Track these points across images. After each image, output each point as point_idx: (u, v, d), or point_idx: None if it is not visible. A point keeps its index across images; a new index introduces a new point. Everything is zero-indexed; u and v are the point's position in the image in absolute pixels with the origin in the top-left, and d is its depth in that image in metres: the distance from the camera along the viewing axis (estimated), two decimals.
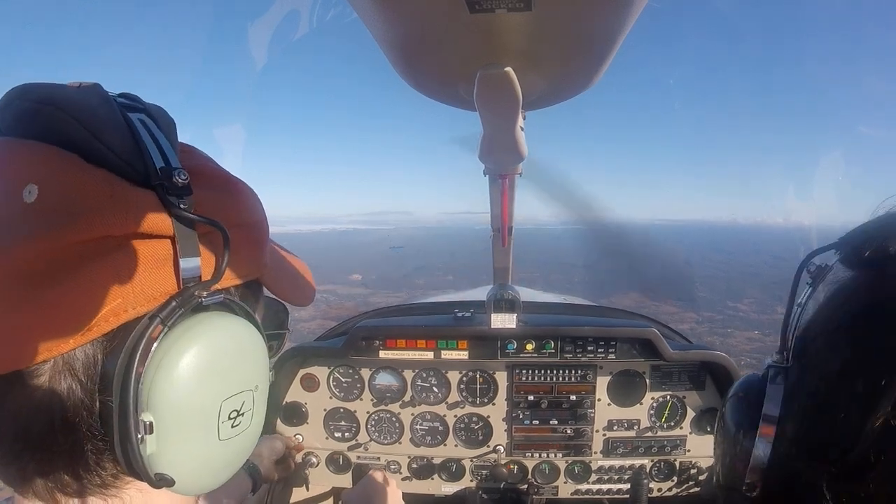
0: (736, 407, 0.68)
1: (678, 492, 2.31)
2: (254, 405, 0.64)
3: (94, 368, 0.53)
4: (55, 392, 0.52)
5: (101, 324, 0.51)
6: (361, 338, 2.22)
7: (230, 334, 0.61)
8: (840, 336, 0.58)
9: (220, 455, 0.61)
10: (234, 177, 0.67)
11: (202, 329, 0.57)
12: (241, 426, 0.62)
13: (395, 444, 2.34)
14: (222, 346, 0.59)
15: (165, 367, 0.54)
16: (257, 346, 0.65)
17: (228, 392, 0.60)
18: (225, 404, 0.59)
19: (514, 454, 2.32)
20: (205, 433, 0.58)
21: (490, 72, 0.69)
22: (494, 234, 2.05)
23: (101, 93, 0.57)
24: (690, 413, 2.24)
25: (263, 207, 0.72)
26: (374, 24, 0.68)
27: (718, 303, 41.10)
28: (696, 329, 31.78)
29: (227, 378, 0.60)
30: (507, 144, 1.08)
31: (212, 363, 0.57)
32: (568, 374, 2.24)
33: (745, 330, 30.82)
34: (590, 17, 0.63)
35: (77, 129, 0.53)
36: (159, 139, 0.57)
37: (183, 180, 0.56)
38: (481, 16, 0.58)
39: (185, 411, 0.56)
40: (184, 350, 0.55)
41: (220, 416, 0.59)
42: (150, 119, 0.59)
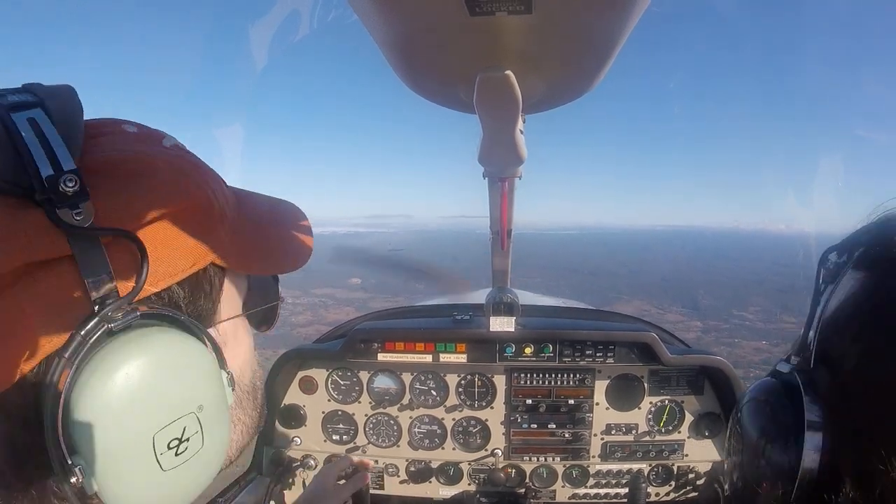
0: (759, 414, 0.64)
1: (676, 496, 2.30)
2: (201, 426, 0.58)
3: (26, 412, 0.50)
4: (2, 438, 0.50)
5: (21, 366, 0.48)
6: (360, 340, 2.21)
7: (153, 358, 0.53)
8: (873, 335, 0.56)
9: (172, 483, 0.56)
10: (151, 160, 0.58)
11: (115, 361, 0.51)
12: (188, 451, 0.57)
13: (393, 447, 2.34)
14: (142, 374, 0.52)
15: (81, 407, 0.49)
16: (196, 360, 0.58)
17: (158, 425, 0.53)
18: (158, 436, 0.53)
19: (512, 458, 2.31)
20: (143, 468, 0.53)
21: (490, 75, 0.70)
22: (493, 238, 2.05)
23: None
24: (689, 417, 2.24)
25: (204, 185, 0.63)
26: (374, 26, 0.68)
27: (724, 311, 41.02)
28: (703, 338, 31.63)
29: (154, 409, 0.53)
30: (506, 148, 1.09)
31: (131, 397, 0.51)
32: (566, 378, 2.23)
33: (752, 340, 30.67)
34: (590, 20, 0.64)
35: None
36: (50, 139, 0.50)
37: (71, 187, 0.48)
38: (481, 18, 0.58)
39: (112, 450, 0.51)
40: (96, 388, 0.49)
41: (157, 449, 0.53)
42: (46, 114, 0.52)
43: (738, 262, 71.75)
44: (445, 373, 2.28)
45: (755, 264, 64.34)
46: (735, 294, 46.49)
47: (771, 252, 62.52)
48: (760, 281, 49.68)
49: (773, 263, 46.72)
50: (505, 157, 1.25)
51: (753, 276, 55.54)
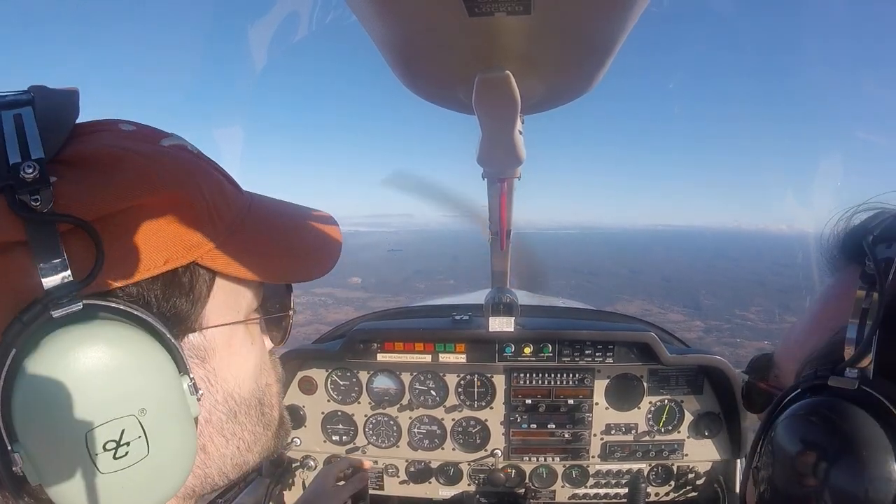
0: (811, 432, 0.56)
1: (676, 496, 2.30)
2: (145, 432, 0.54)
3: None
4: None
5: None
6: (359, 341, 2.21)
7: (90, 352, 0.51)
8: None
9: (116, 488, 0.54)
10: (129, 153, 0.57)
11: (52, 350, 0.50)
12: (130, 457, 0.53)
13: (392, 447, 2.34)
14: (77, 368, 0.50)
15: (18, 395, 0.49)
16: (143, 360, 0.54)
17: (92, 422, 0.51)
18: (91, 435, 0.51)
19: (512, 458, 2.31)
20: (80, 466, 0.51)
21: (489, 75, 0.70)
22: (493, 238, 2.05)
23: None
24: (688, 417, 2.24)
25: (201, 181, 0.62)
26: (372, 27, 0.68)
27: (725, 311, 40.89)
28: (704, 338, 31.46)
29: (86, 406, 0.51)
30: (505, 148, 1.09)
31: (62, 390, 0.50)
32: (566, 378, 2.23)
33: (755, 340, 30.48)
34: (589, 21, 0.64)
35: None
36: (27, 131, 0.51)
37: (30, 174, 0.48)
38: (480, 19, 0.58)
39: (47, 443, 0.50)
40: (31, 376, 0.49)
41: (90, 448, 0.51)
42: (33, 111, 0.53)
43: (738, 262, 71.72)
44: (445, 373, 2.28)
45: (756, 264, 64.31)
46: (736, 294, 46.42)
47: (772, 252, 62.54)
48: (761, 281, 49.65)
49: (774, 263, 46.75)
50: (504, 157, 1.25)
51: (754, 277, 55.48)
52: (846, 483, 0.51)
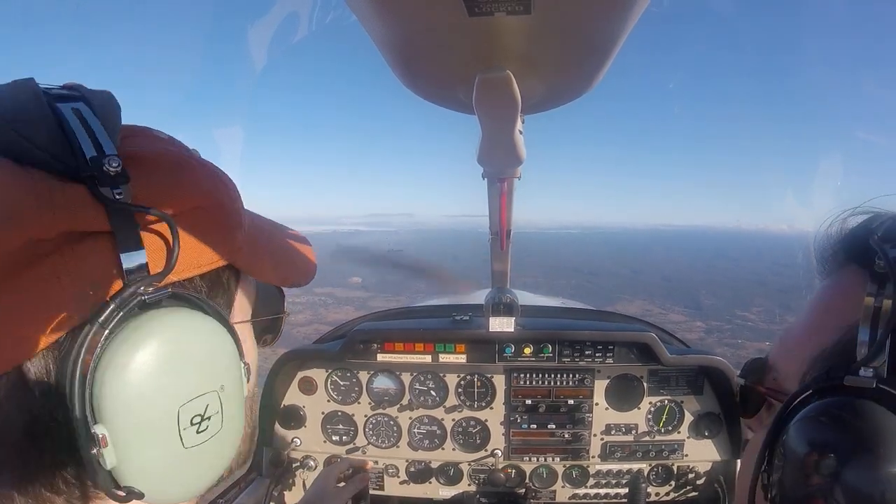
0: (829, 433, 0.56)
1: (676, 496, 2.30)
2: (222, 407, 0.59)
3: (48, 381, 0.50)
4: (14, 409, 0.50)
5: (49, 333, 0.49)
6: (359, 341, 2.21)
7: (180, 333, 0.56)
8: None
9: (192, 462, 0.57)
10: (186, 158, 0.62)
11: (146, 331, 0.53)
12: (208, 431, 0.58)
13: (392, 447, 2.34)
14: (170, 347, 0.54)
15: (110, 375, 0.50)
16: (220, 342, 0.60)
17: (184, 397, 0.55)
18: (183, 410, 0.55)
19: (512, 458, 2.31)
20: (165, 442, 0.54)
21: (489, 75, 0.69)
22: (493, 238, 2.05)
23: (31, 87, 0.54)
24: (688, 417, 2.24)
25: (230, 188, 0.66)
26: (372, 27, 0.68)
27: (726, 311, 40.80)
28: (706, 339, 31.36)
29: (182, 381, 0.55)
30: (505, 148, 1.08)
31: (159, 368, 0.53)
32: (566, 378, 2.23)
33: (756, 341, 30.36)
34: (589, 21, 0.63)
35: (3, 130, 0.50)
36: (93, 127, 0.53)
37: (115, 168, 0.51)
38: (480, 19, 0.58)
39: (137, 420, 0.52)
40: (126, 356, 0.51)
41: (180, 423, 0.55)
42: (88, 107, 0.55)
43: (739, 262, 71.63)
44: (445, 373, 2.28)
45: (756, 264, 64.21)
46: (737, 294, 46.34)
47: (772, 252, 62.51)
48: (762, 281, 49.54)
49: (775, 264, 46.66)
50: (504, 157, 1.25)
51: (755, 277, 55.38)
52: (872, 481, 0.51)
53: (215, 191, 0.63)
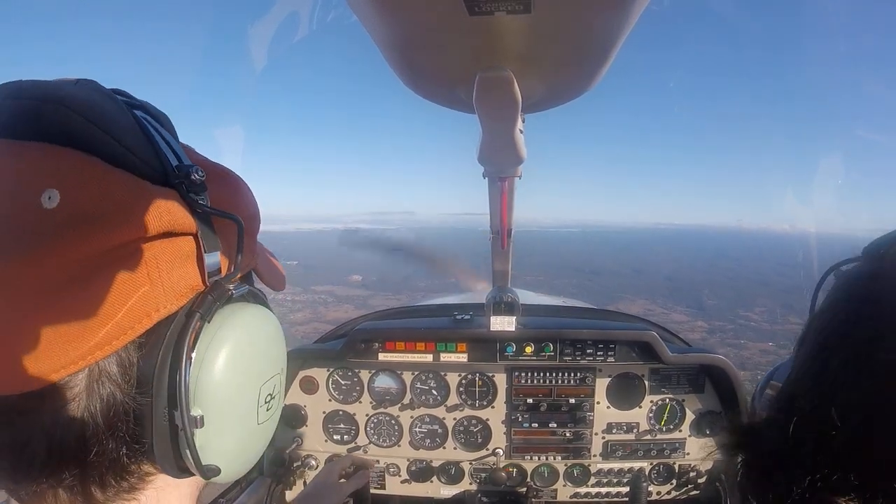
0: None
1: (677, 495, 2.30)
2: (281, 388, 0.67)
3: (131, 371, 0.52)
4: (94, 400, 0.51)
5: (136, 326, 0.51)
6: (360, 340, 2.22)
7: (258, 322, 0.62)
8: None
9: (258, 438, 0.64)
10: (231, 171, 0.67)
11: (236, 320, 0.58)
12: (273, 408, 0.65)
13: (394, 446, 2.34)
14: (254, 334, 0.61)
15: (208, 360, 0.55)
16: (278, 330, 0.67)
17: (265, 377, 0.62)
18: (263, 389, 0.62)
19: (513, 457, 2.31)
20: (247, 419, 0.60)
21: (489, 74, 0.70)
22: (494, 237, 2.05)
23: (103, 90, 0.56)
24: (690, 416, 2.24)
25: (255, 198, 0.72)
26: (373, 26, 0.68)
27: (728, 311, 40.62)
28: (708, 339, 31.17)
29: (263, 364, 0.62)
30: (506, 147, 1.08)
31: (248, 351, 0.59)
32: (567, 377, 2.23)
33: (759, 341, 30.24)
34: (589, 20, 0.63)
35: (91, 130, 0.51)
36: (166, 137, 0.58)
37: (200, 177, 0.56)
38: (481, 18, 0.58)
39: (230, 401, 0.57)
40: (223, 342, 0.56)
41: (259, 402, 0.62)
42: (151, 116, 0.58)
43: (741, 262, 71.43)
44: (446, 372, 2.28)
45: (759, 264, 63.99)
46: (740, 294, 46.14)
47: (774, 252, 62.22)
48: (765, 281, 49.34)
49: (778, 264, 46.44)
50: (504, 156, 1.25)
51: (758, 277, 55.20)
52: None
53: (254, 202, 0.70)
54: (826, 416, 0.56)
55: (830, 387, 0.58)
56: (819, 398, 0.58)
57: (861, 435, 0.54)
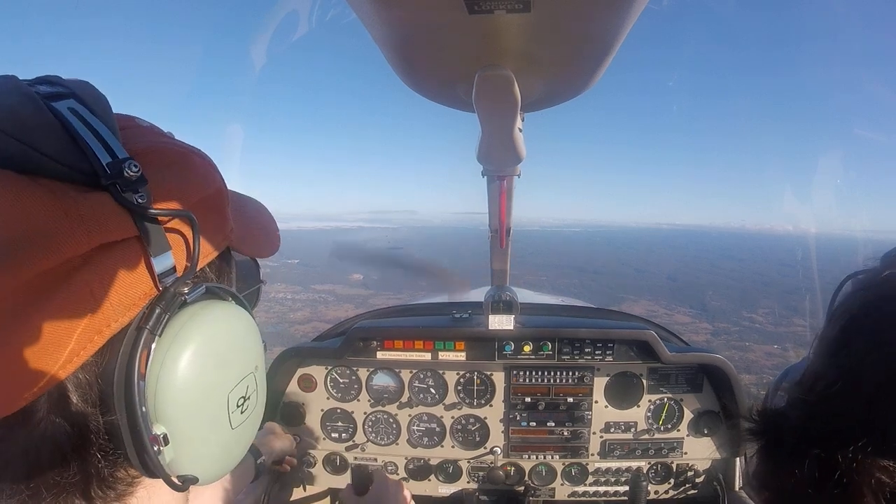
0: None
1: (675, 494, 2.31)
2: (257, 386, 0.63)
3: (91, 391, 0.50)
4: (57, 424, 0.49)
5: (87, 346, 0.48)
6: (359, 338, 2.22)
7: (220, 323, 0.58)
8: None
9: (234, 442, 0.61)
10: (184, 148, 0.62)
11: (192, 328, 0.54)
12: (248, 409, 0.62)
13: (392, 444, 2.34)
14: (215, 338, 0.56)
15: (164, 375, 0.52)
16: (248, 325, 0.63)
17: (233, 382, 0.58)
18: (232, 394, 0.58)
19: (511, 456, 2.31)
20: (218, 427, 0.57)
21: (489, 73, 0.70)
22: (493, 236, 2.05)
23: (19, 87, 0.49)
24: (688, 415, 2.24)
25: (216, 168, 0.66)
26: (372, 25, 0.68)
27: (733, 313, 40.28)
28: (713, 341, 30.88)
29: (228, 368, 0.58)
30: (505, 146, 1.08)
31: (209, 359, 0.55)
32: (565, 376, 2.24)
33: (764, 343, 29.94)
34: (589, 19, 0.63)
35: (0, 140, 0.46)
36: (97, 128, 0.51)
37: (135, 172, 0.50)
38: (480, 17, 0.58)
39: (196, 413, 0.54)
40: (179, 353, 0.53)
41: (230, 407, 0.58)
42: (81, 104, 0.52)
43: (744, 262, 71.14)
44: (444, 371, 2.28)
45: (762, 265, 63.67)
46: (743, 295, 45.82)
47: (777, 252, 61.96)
48: (768, 282, 49.04)
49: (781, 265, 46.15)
50: (504, 155, 1.25)
51: (761, 278, 54.88)
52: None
53: (213, 177, 0.63)
54: (857, 388, 0.57)
55: (858, 361, 0.59)
56: (849, 372, 0.60)
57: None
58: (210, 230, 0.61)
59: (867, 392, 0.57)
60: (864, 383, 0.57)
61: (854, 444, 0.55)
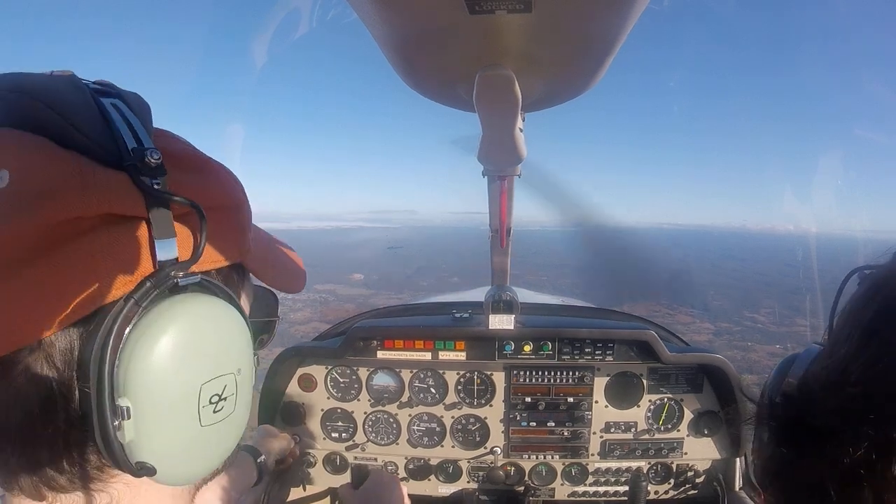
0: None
1: (675, 494, 2.31)
2: (237, 390, 0.62)
3: (71, 355, 0.52)
4: (32, 380, 0.51)
5: (78, 309, 0.51)
6: (359, 338, 2.22)
7: (207, 316, 0.59)
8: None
9: (204, 442, 0.59)
10: (211, 159, 0.66)
11: (178, 311, 0.55)
12: (223, 412, 0.60)
13: (392, 444, 2.34)
14: (199, 327, 0.57)
15: (140, 349, 0.52)
16: (238, 329, 0.63)
17: (207, 375, 0.58)
18: (204, 388, 0.57)
19: (511, 456, 2.31)
20: (184, 418, 0.56)
21: (490, 73, 0.70)
22: (493, 235, 2.05)
23: (73, 79, 0.56)
24: (688, 415, 2.24)
25: (244, 191, 0.70)
26: (373, 24, 0.68)
27: (734, 313, 39.96)
28: (714, 341, 30.62)
29: (206, 361, 0.58)
30: (506, 146, 1.08)
31: (188, 345, 0.56)
32: (565, 376, 2.24)
33: (766, 344, 29.66)
34: (590, 19, 0.63)
35: (46, 113, 0.52)
36: (132, 121, 0.56)
37: (156, 160, 0.54)
38: (481, 17, 0.58)
39: (162, 395, 0.54)
40: (159, 332, 0.53)
41: (200, 401, 0.57)
42: (124, 103, 0.58)
43: (746, 262, 70.83)
44: (445, 370, 2.28)
45: (764, 265, 63.38)
46: (745, 295, 45.53)
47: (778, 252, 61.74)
48: (769, 282, 48.82)
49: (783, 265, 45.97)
50: (504, 155, 1.25)
51: (763, 278, 54.60)
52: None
53: (234, 192, 0.67)
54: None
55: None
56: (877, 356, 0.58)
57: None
58: (220, 237, 0.63)
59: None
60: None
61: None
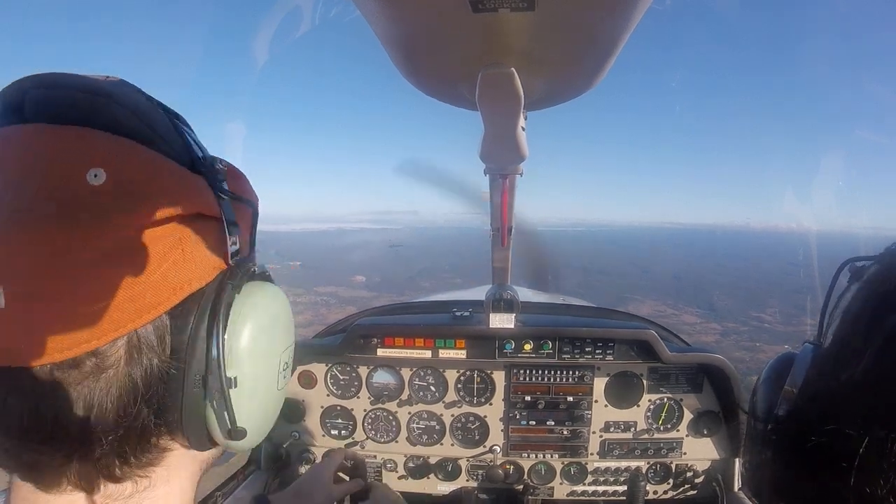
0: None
1: (674, 494, 2.31)
2: (292, 358, 0.73)
3: (166, 339, 0.57)
4: (134, 368, 0.54)
5: (171, 297, 0.55)
6: (360, 336, 2.22)
7: (276, 297, 0.68)
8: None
9: (277, 404, 0.70)
10: (235, 166, 0.72)
11: (258, 293, 0.64)
12: (287, 377, 0.71)
13: (391, 442, 2.35)
14: (275, 306, 0.67)
15: (238, 328, 0.60)
16: (289, 305, 0.72)
17: (283, 346, 0.68)
18: (282, 356, 0.68)
19: (511, 454, 2.32)
20: (270, 384, 0.66)
21: (492, 71, 0.70)
22: (494, 234, 2.05)
23: (137, 87, 0.61)
24: (688, 415, 2.24)
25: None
26: (376, 22, 0.68)
27: (741, 313, 39.52)
28: (722, 342, 30.51)
29: (283, 333, 0.69)
30: (508, 145, 1.08)
31: (273, 321, 0.66)
32: (565, 375, 2.24)
33: (774, 344, 29.34)
34: (593, 18, 0.64)
35: (133, 120, 0.56)
36: (191, 134, 0.64)
37: (223, 167, 0.63)
38: (484, 15, 0.58)
39: (258, 366, 0.63)
40: (251, 311, 0.62)
41: (279, 368, 0.68)
42: (170, 115, 0.63)
43: (750, 261, 70.47)
44: (445, 369, 2.29)
45: (768, 264, 63.01)
46: (751, 295, 45.20)
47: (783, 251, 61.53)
48: (774, 281, 48.50)
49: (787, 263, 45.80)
50: (506, 154, 1.25)
51: (768, 277, 54.29)
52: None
53: (255, 198, 0.74)
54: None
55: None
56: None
57: None
58: (249, 235, 0.71)
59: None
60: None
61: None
